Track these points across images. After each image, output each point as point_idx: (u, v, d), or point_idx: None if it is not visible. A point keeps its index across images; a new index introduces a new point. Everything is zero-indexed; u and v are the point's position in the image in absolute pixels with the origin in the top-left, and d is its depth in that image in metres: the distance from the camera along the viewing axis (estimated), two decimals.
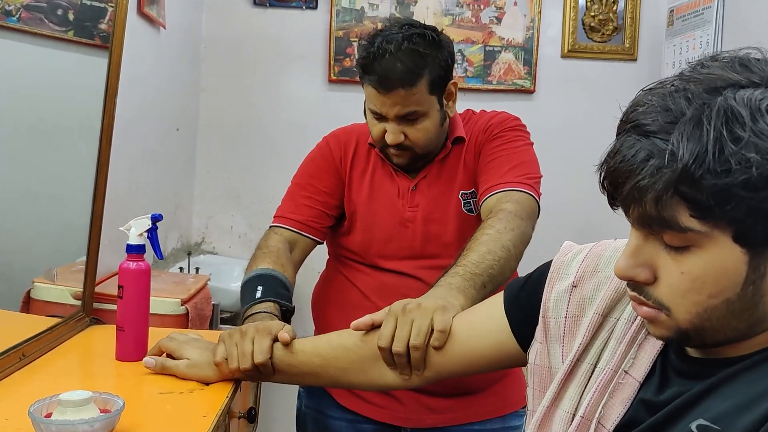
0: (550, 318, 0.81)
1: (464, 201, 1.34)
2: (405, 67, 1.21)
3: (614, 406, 0.71)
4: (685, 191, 0.57)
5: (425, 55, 1.23)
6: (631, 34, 2.59)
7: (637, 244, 0.63)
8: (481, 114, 1.42)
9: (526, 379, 0.85)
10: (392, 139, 1.27)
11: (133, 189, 1.93)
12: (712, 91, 0.58)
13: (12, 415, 0.87)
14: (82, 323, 1.30)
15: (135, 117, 1.92)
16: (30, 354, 1.09)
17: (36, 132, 1.36)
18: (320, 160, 1.41)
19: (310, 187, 1.39)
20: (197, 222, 2.62)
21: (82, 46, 1.45)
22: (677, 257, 0.61)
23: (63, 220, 1.45)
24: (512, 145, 1.32)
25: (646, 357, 0.71)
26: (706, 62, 0.62)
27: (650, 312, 0.64)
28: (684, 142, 0.56)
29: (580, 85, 2.61)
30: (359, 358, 0.99)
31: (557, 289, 0.81)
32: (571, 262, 0.83)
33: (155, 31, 2.09)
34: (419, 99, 1.24)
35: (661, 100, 0.60)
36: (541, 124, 2.64)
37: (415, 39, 1.23)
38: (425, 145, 1.29)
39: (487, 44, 2.57)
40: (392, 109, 1.25)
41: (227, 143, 2.61)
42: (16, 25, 1.26)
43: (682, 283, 0.61)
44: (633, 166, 0.59)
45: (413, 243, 1.33)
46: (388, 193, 1.35)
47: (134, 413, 0.90)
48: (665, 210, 0.58)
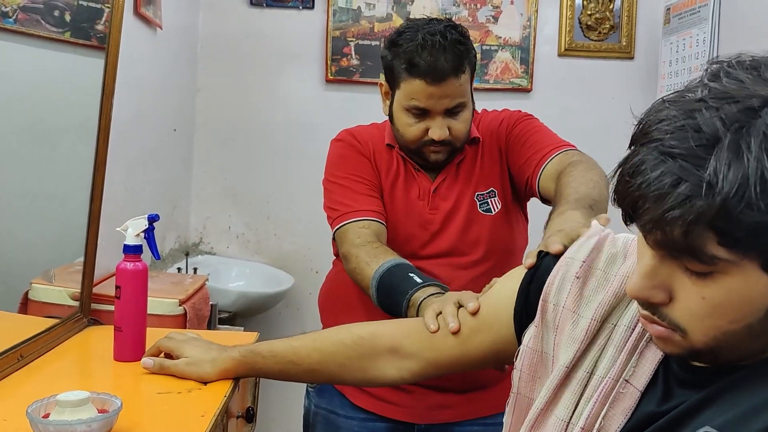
0: (550, 303, 0.79)
1: (480, 202, 1.34)
2: (453, 56, 1.22)
3: (615, 417, 0.69)
4: (719, 224, 0.53)
5: (465, 44, 1.25)
6: (627, 32, 2.59)
7: (653, 265, 0.60)
8: (485, 113, 1.42)
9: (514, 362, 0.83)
10: (439, 134, 1.25)
11: (130, 189, 1.93)
12: (748, 112, 0.53)
13: (10, 415, 0.87)
14: (80, 324, 1.30)
15: (132, 117, 1.91)
16: (28, 355, 1.09)
17: (33, 133, 1.36)
18: (354, 153, 1.37)
19: (361, 179, 1.34)
20: (195, 222, 2.62)
21: (79, 47, 1.45)
22: (698, 282, 0.57)
23: (61, 221, 1.45)
24: (536, 126, 1.34)
25: (648, 366, 0.69)
26: (731, 70, 0.57)
27: (663, 332, 0.62)
28: (723, 172, 0.52)
29: (577, 83, 2.61)
30: (358, 355, 0.99)
31: (562, 273, 0.79)
32: (581, 247, 0.79)
33: (152, 32, 2.09)
34: (465, 89, 1.26)
35: (689, 118, 0.55)
36: None
37: (452, 30, 1.25)
38: (464, 137, 1.31)
39: (483, 43, 2.58)
40: (441, 102, 1.24)
41: (224, 143, 2.61)
42: (12, 26, 1.26)
43: (702, 308, 0.58)
44: (660, 191, 0.54)
45: (429, 244, 1.33)
46: (409, 194, 1.35)
47: (132, 413, 0.90)
48: (693, 240, 0.54)
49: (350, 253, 1.23)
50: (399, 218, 1.34)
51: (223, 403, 0.98)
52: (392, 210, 1.34)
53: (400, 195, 1.35)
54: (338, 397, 1.38)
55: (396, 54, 1.26)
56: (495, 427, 1.34)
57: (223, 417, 0.99)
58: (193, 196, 2.61)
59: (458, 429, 1.35)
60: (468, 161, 1.36)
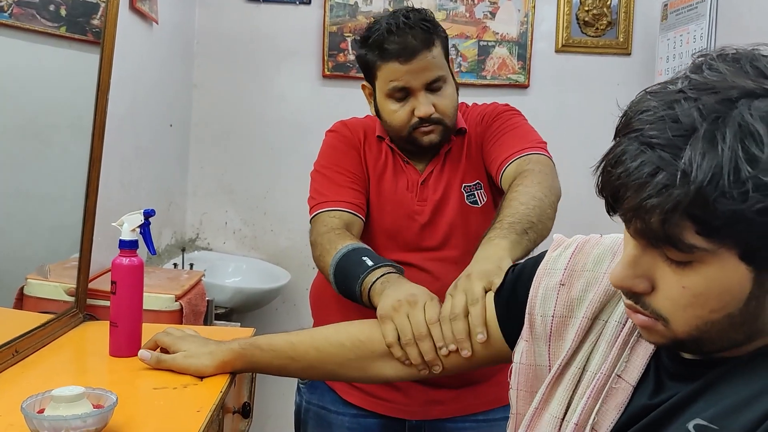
0: (537, 315, 0.80)
1: (467, 193, 1.35)
2: (420, 33, 1.25)
3: (608, 412, 0.70)
4: (695, 213, 0.54)
5: (432, 21, 1.29)
6: (625, 28, 2.59)
7: (635, 254, 0.61)
8: (473, 107, 1.44)
9: (509, 381, 0.83)
10: (425, 110, 1.26)
11: (126, 185, 1.93)
12: (726, 103, 0.54)
13: (5, 410, 0.87)
14: (75, 319, 1.29)
15: (128, 113, 1.91)
16: (23, 350, 1.09)
17: (28, 129, 1.36)
18: (344, 145, 1.39)
19: (345, 171, 1.35)
20: (191, 218, 2.61)
21: (75, 42, 1.44)
22: (678, 271, 0.58)
23: (56, 217, 1.44)
24: (511, 123, 1.35)
25: (639, 360, 0.70)
26: (712, 62, 0.58)
27: (647, 321, 0.63)
28: (697, 161, 0.53)
29: (574, 79, 2.61)
30: (356, 356, 0.99)
31: (544, 285, 0.80)
32: (559, 257, 0.81)
33: (148, 27, 2.08)
34: (440, 62, 1.27)
35: (668, 108, 0.56)
36: (535, 119, 2.63)
37: (415, 13, 1.28)
38: (453, 115, 1.31)
39: (481, 39, 2.57)
40: (419, 76, 1.25)
41: (221, 139, 2.61)
42: (7, 21, 1.26)
43: (682, 297, 0.59)
44: (638, 181, 0.55)
45: (419, 236, 1.33)
46: (396, 186, 1.36)
47: (128, 408, 0.89)
48: (671, 228, 0.55)
49: (315, 242, 1.25)
50: (387, 210, 1.35)
51: (219, 398, 0.98)
52: (380, 202, 1.35)
53: (388, 187, 1.36)
54: (329, 393, 1.38)
55: (367, 47, 1.29)
56: (487, 423, 1.35)
57: (219, 412, 0.99)
58: (189, 192, 2.61)
59: (450, 425, 1.35)
60: (455, 152, 1.37)
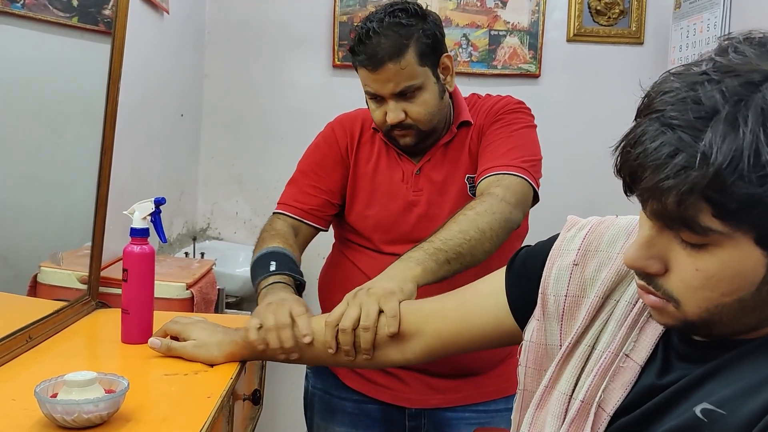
0: (550, 295, 0.80)
1: (470, 185, 1.33)
2: (390, 40, 1.22)
3: (615, 390, 0.70)
4: (712, 195, 0.53)
5: (408, 25, 1.24)
6: (637, 17, 2.56)
7: (650, 235, 0.61)
8: (486, 98, 1.41)
9: (518, 358, 0.84)
10: (393, 117, 1.26)
11: (137, 174, 1.94)
12: (749, 86, 0.54)
13: (19, 395, 0.88)
14: (87, 307, 1.31)
15: (139, 103, 1.92)
16: (36, 336, 1.10)
17: (40, 119, 1.37)
18: (325, 147, 1.41)
19: (314, 175, 1.39)
20: (202, 208, 2.63)
21: (87, 32, 1.45)
22: (693, 253, 0.58)
23: (68, 206, 1.46)
24: (511, 128, 1.31)
25: (648, 340, 0.70)
26: (738, 45, 0.57)
27: (658, 302, 0.63)
28: (717, 144, 0.52)
29: (585, 69, 2.59)
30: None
31: (558, 265, 0.80)
32: (573, 238, 0.81)
33: (159, 16, 2.09)
34: (410, 72, 1.24)
35: (691, 90, 0.55)
36: (547, 109, 2.63)
37: (397, 13, 1.25)
38: (428, 120, 1.28)
39: (492, 28, 2.56)
40: (386, 86, 1.25)
41: (231, 129, 2.61)
42: (20, 11, 1.26)
43: (695, 279, 0.59)
44: (657, 162, 0.55)
45: (417, 227, 1.32)
46: (392, 178, 1.35)
47: (139, 394, 0.90)
48: (687, 210, 0.55)
49: (258, 238, 1.33)
50: (383, 203, 1.35)
51: (230, 385, 0.99)
52: (375, 195, 1.35)
53: (383, 179, 1.35)
54: (332, 378, 1.40)
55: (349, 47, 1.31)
56: (488, 414, 1.35)
57: (229, 399, 0.99)
58: (200, 181, 2.62)
59: (450, 414, 1.35)
60: (457, 142, 1.35)
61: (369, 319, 0.96)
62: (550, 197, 2.53)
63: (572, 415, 0.72)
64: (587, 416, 0.71)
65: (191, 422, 0.86)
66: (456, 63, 2.57)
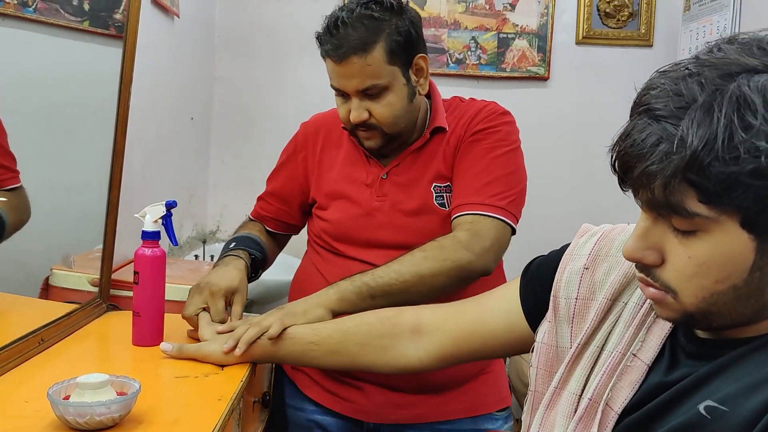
0: (561, 298, 0.81)
1: (437, 194, 1.25)
2: (358, 33, 1.15)
3: (622, 389, 0.71)
4: (692, 178, 0.56)
5: (380, 20, 1.17)
6: (647, 19, 2.56)
7: (645, 226, 0.63)
8: (469, 103, 1.32)
9: (530, 360, 0.85)
10: (355, 116, 1.20)
11: (147, 177, 1.95)
12: (726, 77, 0.57)
13: (31, 397, 0.89)
14: (99, 309, 1.32)
15: (149, 106, 1.93)
16: (48, 339, 1.11)
17: (52, 122, 1.38)
18: (291, 151, 1.40)
19: (274, 181, 1.42)
20: (212, 210, 2.64)
21: (98, 36, 1.46)
22: (684, 241, 0.61)
23: (80, 209, 1.46)
24: (493, 153, 1.22)
25: (655, 340, 0.72)
26: (722, 45, 0.61)
27: (657, 294, 0.65)
28: (694, 128, 0.56)
29: (594, 71, 2.59)
30: (380, 333, 1.00)
31: (569, 269, 0.82)
32: (585, 243, 0.83)
33: (169, 20, 2.10)
34: (376, 70, 1.17)
35: (674, 84, 0.59)
36: (555, 112, 2.64)
37: (371, 5, 1.18)
38: (392, 123, 1.21)
39: (500, 31, 2.56)
40: (350, 82, 1.18)
41: (241, 132, 2.62)
42: (32, 15, 1.28)
43: (688, 267, 0.61)
44: (643, 151, 0.58)
45: (378, 233, 1.26)
46: (357, 181, 1.29)
47: (150, 396, 0.91)
48: (673, 195, 0.58)
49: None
50: (345, 208, 1.30)
51: (240, 388, 0.99)
52: (339, 199, 1.30)
53: (347, 183, 1.30)
54: (291, 386, 1.36)
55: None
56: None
57: (239, 401, 1.00)
58: (210, 184, 2.63)
59: (410, 431, 1.28)
60: (429, 149, 1.27)
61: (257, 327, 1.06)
62: (560, 201, 2.53)
63: (580, 413, 0.74)
64: (595, 414, 0.72)
65: (202, 424, 0.86)
66: (464, 66, 2.57)
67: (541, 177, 2.70)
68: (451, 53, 2.57)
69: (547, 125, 2.58)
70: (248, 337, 1.05)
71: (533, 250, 0.97)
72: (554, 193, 2.57)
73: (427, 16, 2.57)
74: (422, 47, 1.24)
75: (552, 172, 2.57)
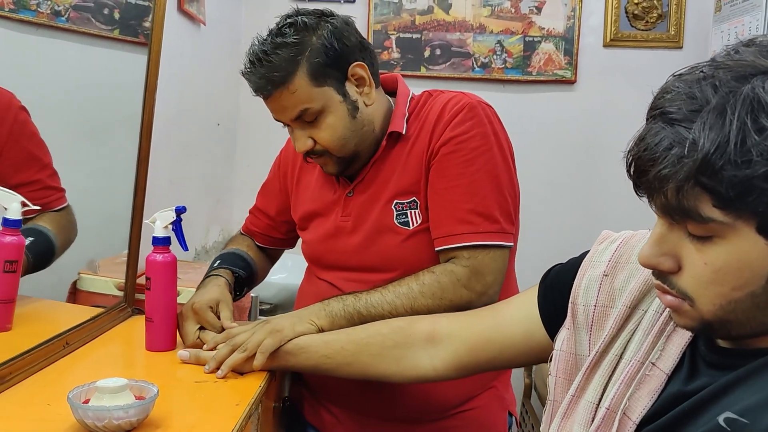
0: (579, 305, 0.80)
1: (398, 212, 1.16)
2: (273, 67, 1.09)
3: (641, 398, 0.70)
4: (704, 182, 0.55)
5: (295, 44, 1.09)
6: (676, 21, 2.52)
7: (661, 232, 0.62)
8: (434, 99, 1.20)
9: (548, 368, 0.84)
10: (299, 146, 1.15)
11: (174, 183, 1.98)
12: (741, 79, 0.56)
13: (54, 400, 0.90)
14: (124, 313, 1.33)
15: (176, 112, 1.96)
16: (73, 342, 1.13)
17: (83, 129, 1.41)
18: (275, 167, 1.40)
19: (262, 196, 1.42)
20: (238, 215, 2.66)
21: (128, 43, 1.49)
22: (700, 247, 0.60)
23: (109, 214, 1.49)
24: (471, 169, 1.11)
25: (675, 349, 0.70)
26: (740, 48, 0.60)
27: (674, 301, 0.64)
28: (705, 131, 0.55)
29: (622, 74, 2.56)
30: (394, 344, 1.00)
31: (588, 276, 0.81)
32: (605, 250, 0.82)
33: (195, 28, 2.13)
34: (302, 96, 1.10)
35: (688, 87, 0.58)
36: (583, 115, 2.61)
37: (284, 29, 1.11)
38: (340, 146, 1.14)
39: (526, 34, 2.54)
40: (283, 114, 1.14)
41: (267, 137, 2.63)
42: (65, 24, 1.31)
43: (704, 274, 0.60)
44: (656, 155, 0.58)
45: (342, 255, 1.21)
46: (327, 200, 1.25)
47: (169, 400, 0.92)
48: (686, 200, 0.57)
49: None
50: (316, 228, 1.26)
51: (258, 393, 1.00)
52: (312, 219, 1.28)
53: (319, 203, 1.26)
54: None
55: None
56: None
57: (257, 406, 1.00)
58: (236, 189, 2.66)
59: None
60: (391, 158, 1.18)
61: (246, 346, 1.05)
62: (588, 205, 2.50)
63: (597, 422, 0.72)
64: (612, 424, 0.71)
65: (219, 429, 0.87)
66: (490, 70, 2.56)
67: (568, 181, 2.68)
68: (476, 57, 2.55)
69: (574, 129, 2.56)
70: (232, 362, 1.05)
71: (560, 256, 0.95)
72: (582, 197, 2.54)
73: (452, 21, 2.57)
74: (356, 54, 1.14)
75: (580, 177, 2.54)
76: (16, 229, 1.06)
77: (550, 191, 2.54)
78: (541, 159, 2.54)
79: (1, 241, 1.05)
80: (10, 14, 1.19)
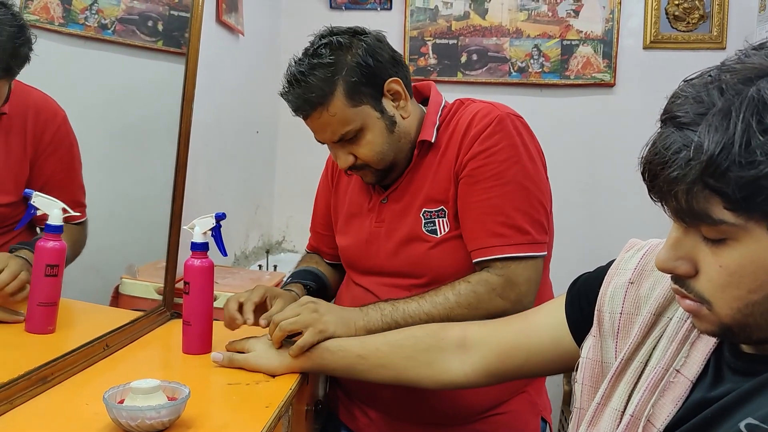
0: (605, 312, 0.80)
1: (426, 220, 1.19)
2: (312, 87, 1.12)
3: (665, 405, 0.69)
4: (712, 183, 0.56)
5: (331, 64, 1.12)
6: (719, 21, 2.46)
7: (677, 236, 0.62)
8: (466, 109, 1.21)
9: (573, 376, 0.83)
10: (342, 163, 1.20)
11: (213, 189, 2.02)
12: (746, 81, 0.57)
13: (92, 399, 0.94)
14: (163, 317, 1.37)
15: (215, 120, 2.00)
16: (113, 345, 1.17)
17: (127, 137, 1.46)
18: (322, 179, 1.44)
19: (315, 210, 1.45)
20: (278, 221, 2.71)
21: (171, 54, 1.54)
22: (715, 250, 0.60)
23: (151, 220, 1.54)
24: (501, 181, 1.12)
25: (699, 356, 0.70)
26: (750, 51, 0.60)
27: (692, 305, 0.63)
28: (711, 133, 0.55)
29: (663, 77, 2.50)
30: (426, 347, 1.01)
31: (614, 283, 0.81)
32: (631, 258, 0.82)
33: (234, 39, 2.18)
34: (343, 118, 1.14)
35: (696, 92, 0.59)
36: (622, 119, 2.57)
37: (320, 50, 1.15)
38: (379, 160, 1.18)
39: (564, 38, 2.52)
40: (323, 134, 1.18)
41: (306, 143, 2.66)
42: (111, 37, 1.36)
43: (720, 277, 0.60)
44: (665, 159, 0.58)
45: (375, 260, 1.25)
46: (362, 207, 1.29)
47: (200, 402, 0.95)
48: (696, 202, 0.57)
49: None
50: (352, 233, 1.30)
51: (288, 396, 1.02)
52: (348, 225, 1.31)
53: (355, 209, 1.31)
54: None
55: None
56: None
57: (287, 409, 1.02)
58: (276, 195, 2.70)
59: None
60: (423, 167, 1.21)
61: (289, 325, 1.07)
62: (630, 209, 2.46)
63: (621, 430, 0.72)
64: (636, 431, 0.71)
65: (248, 430, 0.89)
66: (527, 74, 2.54)
67: (608, 185, 2.63)
68: (513, 62, 2.54)
69: (613, 133, 2.52)
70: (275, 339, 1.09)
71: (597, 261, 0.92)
72: (624, 202, 2.50)
73: (488, 26, 2.56)
74: (390, 70, 1.18)
75: (619, 181, 2.50)
76: (57, 235, 1.10)
77: (588, 196, 2.51)
78: (579, 164, 2.51)
79: (43, 246, 1.09)
80: (59, 28, 1.24)
